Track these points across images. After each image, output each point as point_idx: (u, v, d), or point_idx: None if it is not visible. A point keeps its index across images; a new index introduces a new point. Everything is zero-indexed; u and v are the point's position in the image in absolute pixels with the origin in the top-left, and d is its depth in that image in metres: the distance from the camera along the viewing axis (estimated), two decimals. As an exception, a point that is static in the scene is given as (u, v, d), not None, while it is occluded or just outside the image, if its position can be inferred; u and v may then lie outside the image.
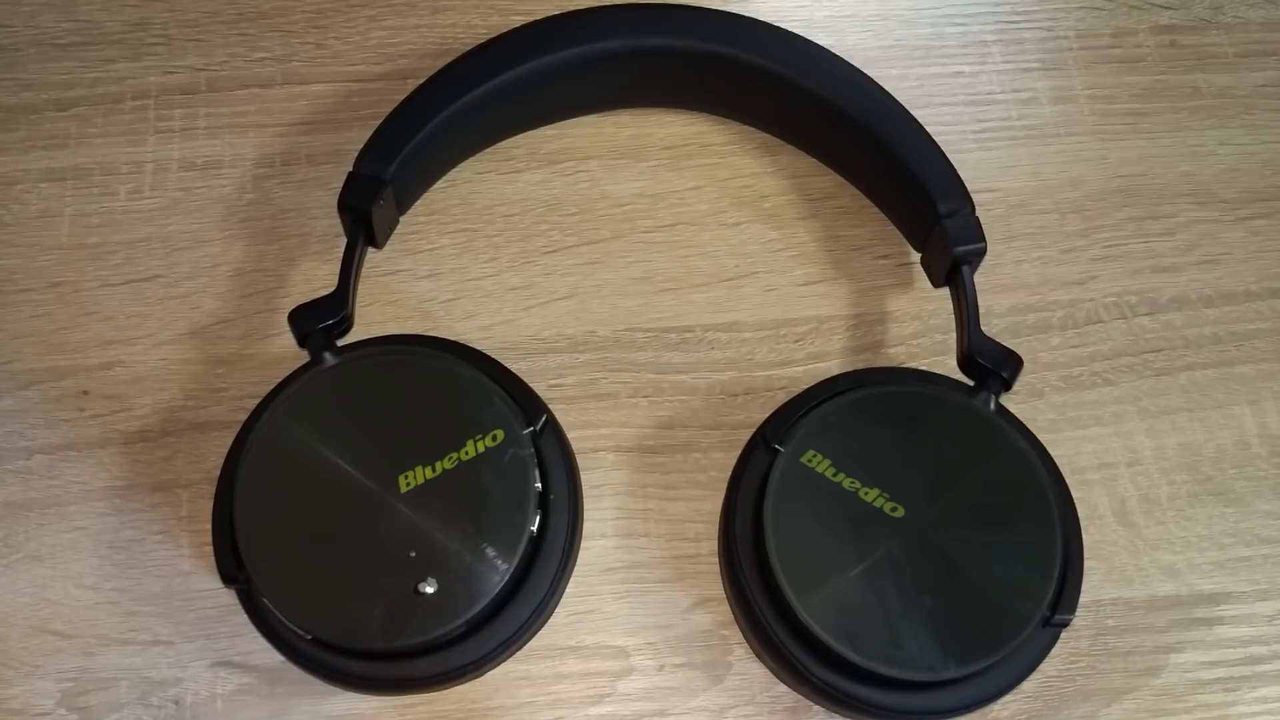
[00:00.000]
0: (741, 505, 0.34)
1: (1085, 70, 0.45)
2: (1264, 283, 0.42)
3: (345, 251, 0.36)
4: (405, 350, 0.35)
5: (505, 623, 0.32)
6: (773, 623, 0.33)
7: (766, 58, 0.40)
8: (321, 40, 0.45)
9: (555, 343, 0.40)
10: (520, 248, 0.42)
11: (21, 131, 0.43)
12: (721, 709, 0.36)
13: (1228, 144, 0.44)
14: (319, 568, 0.31)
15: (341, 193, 0.37)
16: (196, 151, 0.43)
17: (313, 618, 0.31)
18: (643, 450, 0.39)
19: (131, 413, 0.39)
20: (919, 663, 0.31)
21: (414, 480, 0.32)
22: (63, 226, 0.42)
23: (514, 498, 0.32)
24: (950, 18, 0.46)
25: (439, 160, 0.41)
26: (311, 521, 0.32)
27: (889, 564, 0.32)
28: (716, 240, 0.42)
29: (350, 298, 0.35)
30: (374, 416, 0.33)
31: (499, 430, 0.33)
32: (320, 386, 0.33)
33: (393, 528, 0.32)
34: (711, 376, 0.40)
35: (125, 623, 0.36)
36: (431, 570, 0.31)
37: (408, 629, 0.31)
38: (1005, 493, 0.33)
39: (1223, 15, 0.46)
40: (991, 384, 0.35)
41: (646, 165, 0.43)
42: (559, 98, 0.42)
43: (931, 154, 0.38)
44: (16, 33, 0.45)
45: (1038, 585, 0.32)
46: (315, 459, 0.32)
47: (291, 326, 0.35)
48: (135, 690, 0.36)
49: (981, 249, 0.37)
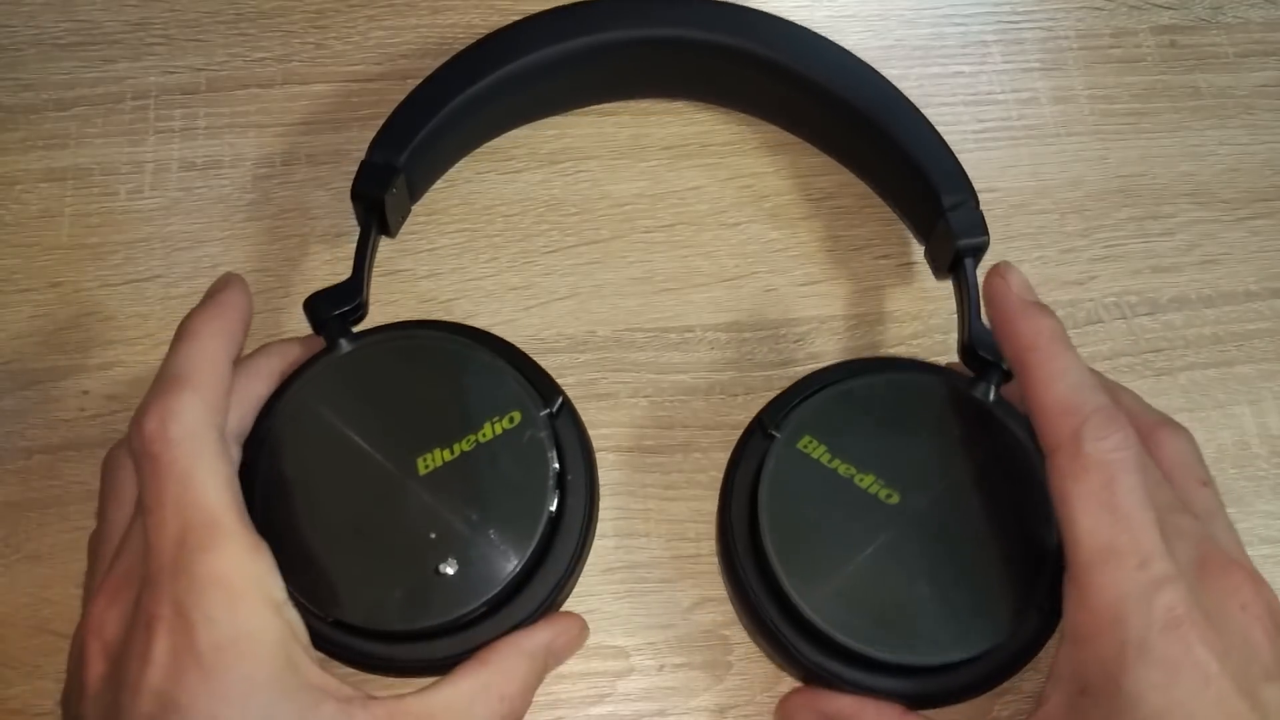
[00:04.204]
0: (738, 491, 0.34)
1: (1085, 70, 0.45)
2: (1264, 283, 0.42)
3: (359, 239, 0.36)
4: (421, 335, 0.35)
5: (524, 602, 0.32)
6: (768, 607, 0.33)
7: (772, 49, 0.40)
8: (321, 40, 0.45)
9: (555, 343, 0.40)
10: (520, 248, 0.42)
11: (21, 131, 0.43)
12: (721, 709, 0.36)
13: (1228, 144, 0.44)
14: (339, 550, 0.32)
15: (355, 181, 0.37)
16: (196, 151, 0.43)
17: (333, 600, 0.31)
18: (643, 450, 0.39)
19: (131, 413, 0.39)
20: (914, 647, 0.31)
21: (433, 463, 0.32)
22: (63, 226, 0.42)
23: (532, 479, 0.33)
24: (950, 18, 0.46)
25: (451, 148, 0.41)
26: (331, 504, 0.32)
27: (883, 550, 0.32)
28: (716, 240, 0.42)
29: (365, 285, 0.35)
30: (391, 400, 0.33)
31: (516, 412, 0.33)
32: (337, 371, 0.34)
33: (412, 510, 0.32)
34: (711, 376, 0.40)
35: (125, 623, 0.36)
36: (451, 551, 0.31)
37: (429, 610, 0.31)
38: (1002, 481, 0.33)
39: (1223, 15, 0.46)
40: (991, 375, 0.34)
41: (646, 165, 0.43)
42: (567, 87, 0.42)
43: (937, 147, 0.39)
44: (16, 33, 0.45)
45: (1033, 572, 0.32)
46: (334, 442, 0.33)
47: (307, 313, 0.35)
48: (135, 690, 0.36)
49: (984, 242, 0.37)
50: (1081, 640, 0.29)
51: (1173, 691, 0.27)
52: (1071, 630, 0.29)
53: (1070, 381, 0.30)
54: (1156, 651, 0.27)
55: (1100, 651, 0.28)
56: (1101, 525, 0.28)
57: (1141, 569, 0.28)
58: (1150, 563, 0.28)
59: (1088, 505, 0.29)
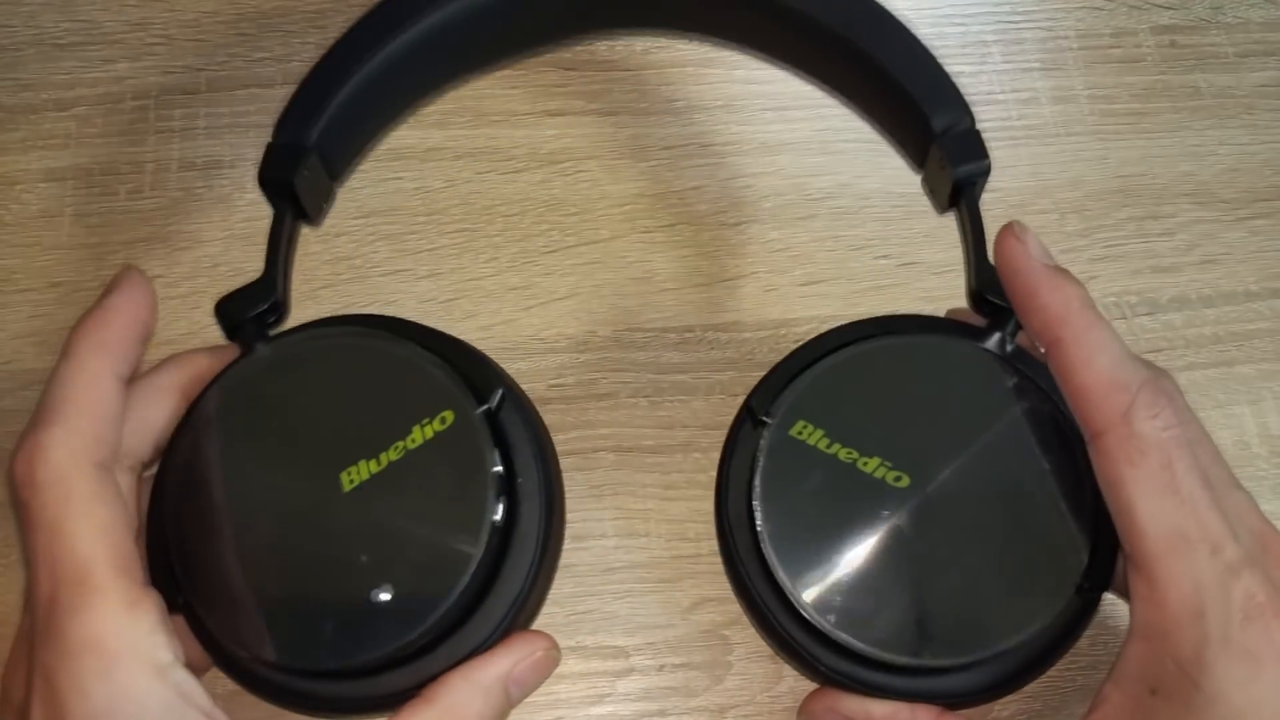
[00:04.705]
0: (733, 491, 0.31)
1: (1085, 70, 0.45)
2: (1264, 283, 0.42)
3: (271, 229, 0.32)
4: (341, 332, 0.31)
5: (478, 626, 0.29)
6: (777, 614, 0.30)
7: None
8: (322, 40, 0.45)
9: (555, 343, 0.40)
10: (520, 248, 0.42)
11: (21, 131, 0.43)
12: (721, 709, 0.36)
13: (1228, 144, 0.44)
14: (261, 582, 0.28)
15: (260, 167, 0.32)
16: (196, 151, 0.43)
17: (257, 638, 0.28)
18: (643, 450, 0.39)
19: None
20: (938, 645, 0.29)
21: (358, 476, 0.29)
22: (63, 226, 0.42)
23: (471, 485, 0.29)
24: (950, 18, 0.46)
25: (373, 117, 0.36)
26: (249, 531, 0.29)
27: (896, 540, 0.29)
28: (716, 240, 0.42)
29: (280, 281, 0.31)
30: (309, 409, 0.30)
31: (447, 412, 0.29)
32: (250, 381, 0.30)
33: (338, 531, 0.28)
34: (711, 376, 0.40)
35: (125, 623, 0.36)
36: (385, 575, 0.28)
37: (364, 642, 0.28)
38: (1025, 445, 0.29)
39: (1223, 15, 0.46)
40: (1005, 321, 0.30)
41: (646, 165, 0.43)
42: (498, 31, 0.37)
43: (922, 62, 0.33)
44: (16, 33, 0.45)
45: (1067, 547, 0.29)
46: (248, 461, 0.29)
47: (219, 318, 0.31)
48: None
49: (985, 167, 0.32)
50: (1155, 636, 0.26)
51: (1254, 688, 0.25)
52: (1143, 626, 0.27)
53: (1112, 355, 0.27)
54: (1239, 645, 0.25)
55: (1177, 647, 0.26)
56: (1165, 511, 0.26)
57: (1214, 555, 0.26)
58: (1222, 548, 0.26)
59: (1148, 490, 0.26)
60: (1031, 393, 0.30)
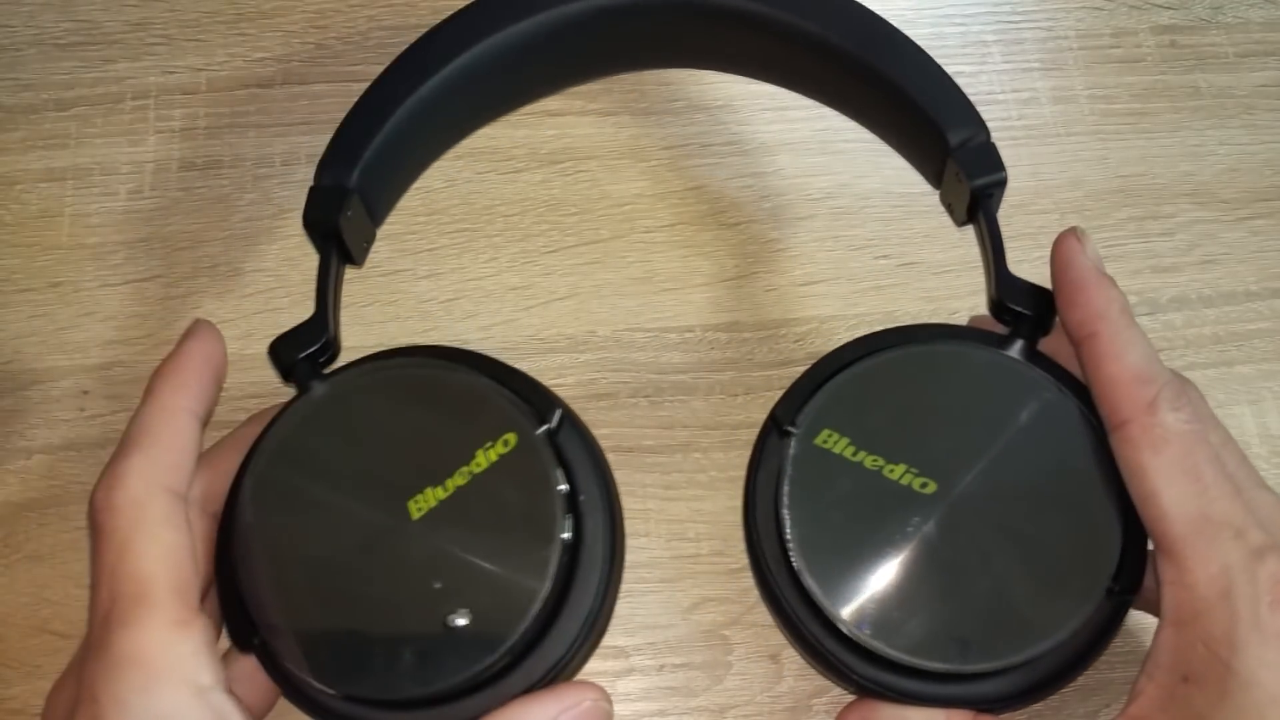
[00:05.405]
0: (761, 501, 0.31)
1: (1085, 70, 0.45)
2: (1264, 283, 0.42)
3: (319, 272, 0.33)
4: (396, 365, 0.32)
5: (554, 644, 0.29)
6: (809, 624, 0.30)
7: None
8: (322, 40, 0.45)
9: (555, 343, 0.40)
10: (520, 248, 0.42)
11: (21, 131, 0.43)
12: (721, 709, 0.36)
13: (1228, 144, 0.44)
14: (337, 616, 0.29)
15: (305, 209, 0.33)
16: (196, 151, 0.43)
17: (339, 673, 0.28)
18: (643, 450, 0.39)
19: (131, 413, 0.39)
20: (970, 652, 0.29)
21: (425, 504, 0.29)
22: (63, 226, 0.42)
23: (539, 505, 0.29)
24: (950, 18, 0.46)
25: (411, 158, 0.37)
26: (322, 566, 0.29)
27: (926, 546, 0.29)
28: (716, 240, 0.42)
29: (331, 320, 0.32)
30: (372, 442, 0.30)
31: (510, 434, 0.30)
32: (310, 419, 0.31)
33: (411, 559, 0.29)
34: (711, 376, 0.40)
35: (125, 623, 0.36)
36: (461, 600, 0.28)
37: (444, 669, 0.28)
38: (1050, 448, 0.30)
39: (1223, 15, 0.46)
40: (1026, 329, 0.31)
41: (646, 165, 0.43)
42: (530, 73, 0.38)
43: (935, 78, 0.34)
44: (16, 33, 0.45)
45: (1097, 552, 0.29)
46: (316, 498, 0.30)
47: (272, 361, 0.32)
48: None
49: (1001, 178, 0.33)
50: (1185, 621, 0.27)
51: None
52: (1174, 611, 0.27)
53: (1142, 352, 0.29)
54: (1270, 628, 0.25)
55: (1208, 631, 0.26)
56: (1189, 495, 0.27)
57: (1238, 539, 0.26)
58: (1246, 532, 0.26)
59: (1172, 475, 0.27)
60: (1055, 398, 0.30)
